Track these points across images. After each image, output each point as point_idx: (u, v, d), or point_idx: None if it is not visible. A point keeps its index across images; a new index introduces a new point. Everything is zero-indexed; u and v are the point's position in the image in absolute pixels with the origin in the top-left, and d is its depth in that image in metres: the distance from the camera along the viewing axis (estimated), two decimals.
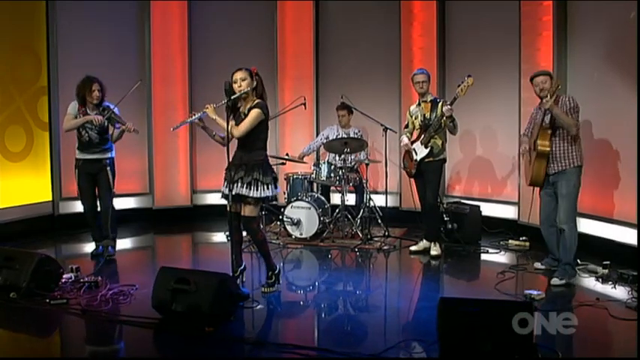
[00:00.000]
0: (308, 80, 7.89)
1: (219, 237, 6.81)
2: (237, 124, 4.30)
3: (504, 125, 6.62)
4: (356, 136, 6.93)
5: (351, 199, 6.80)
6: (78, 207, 6.96)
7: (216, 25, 7.90)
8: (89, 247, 5.99)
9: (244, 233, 4.53)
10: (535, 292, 4.23)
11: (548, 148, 4.67)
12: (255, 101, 4.32)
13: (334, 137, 6.94)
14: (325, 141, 7.04)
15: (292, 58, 7.94)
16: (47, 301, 4.12)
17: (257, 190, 4.26)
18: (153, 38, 7.48)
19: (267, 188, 4.30)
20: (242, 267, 4.59)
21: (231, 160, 4.37)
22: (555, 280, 4.60)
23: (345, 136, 6.83)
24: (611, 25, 5.35)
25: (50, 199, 6.83)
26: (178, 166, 7.83)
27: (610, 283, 4.64)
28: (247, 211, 4.33)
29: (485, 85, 6.33)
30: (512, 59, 6.40)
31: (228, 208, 4.42)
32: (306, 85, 7.82)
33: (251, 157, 4.31)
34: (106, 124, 5.41)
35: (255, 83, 4.32)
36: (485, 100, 6.36)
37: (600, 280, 4.73)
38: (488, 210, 6.55)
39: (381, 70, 7.70)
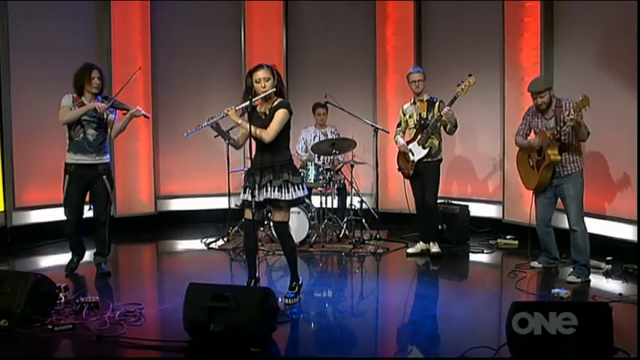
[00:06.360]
0: None
1: (191, 244, 6.41)
2: (255, 126, 4.01)
3: (486, 125, 6.67)
4: (334, 135, 6.76)
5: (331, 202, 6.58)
6: (33, 217, 6.37)
7: (180, 25, 7.49)
8: (48, 261, 5.46)
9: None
10: (563, 291, 4.23)
11: (559, 157, 4.67)
12: (278, 100, 4.09)
13: (312, 139, 6.73)
14: (304, 144, 6.82)
15: (261, 59, 7.48)
16: (50, 327, 3.60)
17: (289, 192, 4.00)
18: (113, 38, 6.93)
19: (298, 189, 4.05)
20: (256, 278, 4.30)
21: (251, 164, 4.09)
22: (572, 278, 4.65)
23: (324, 137, 6.66)
24: (600, 25, 5.47)
25: (2, 209, 6.07)
26: (139, 171, 7.26)
27: (617, 278, 4.76)
28: (280, 216, 4.09)
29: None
30: (493, 59, 6.46)
31: (248, 216, 4.12)
32: None
33: (278, 158, 4.05)
34: (106, 117, 4.84)
35: (275, 81, 4.06)
36: (466, 99, 6.35)
37: (606, 275, 4.84)
38: (473, 209, 6.55)
39: (355, 69, 7.54)
